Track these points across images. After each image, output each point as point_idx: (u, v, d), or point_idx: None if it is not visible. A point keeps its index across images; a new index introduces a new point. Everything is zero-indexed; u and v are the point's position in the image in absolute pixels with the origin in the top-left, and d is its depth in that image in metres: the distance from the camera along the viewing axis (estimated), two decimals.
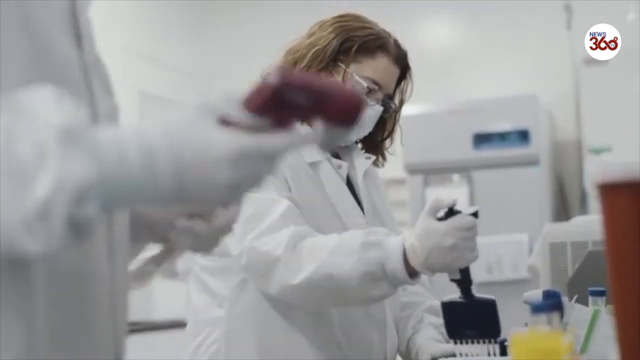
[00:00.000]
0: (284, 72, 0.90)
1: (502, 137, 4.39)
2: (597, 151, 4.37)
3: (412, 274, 1.67)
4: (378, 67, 1.90)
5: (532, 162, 4.36)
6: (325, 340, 1.84)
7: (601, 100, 4.47)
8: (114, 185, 0.86)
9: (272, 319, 1.84)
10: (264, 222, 1.75)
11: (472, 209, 1.68)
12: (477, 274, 4.14)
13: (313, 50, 1.89)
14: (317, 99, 0.90)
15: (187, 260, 1.95)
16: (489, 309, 1.70)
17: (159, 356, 3.74)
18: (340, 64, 1.89)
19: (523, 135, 4.36)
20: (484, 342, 1.69)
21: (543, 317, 0.95)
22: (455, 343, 1.72)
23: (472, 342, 1.69)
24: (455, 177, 4.46)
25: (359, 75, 1.88)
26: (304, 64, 1.89)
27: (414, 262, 1.66)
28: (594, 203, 4.03)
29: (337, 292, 1.71)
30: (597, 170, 0.92)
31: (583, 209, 4.57)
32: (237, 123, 0.89)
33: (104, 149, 0.86)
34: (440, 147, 4.46)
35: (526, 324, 1.52)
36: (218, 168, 0.88)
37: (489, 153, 4.40)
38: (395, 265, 1.66)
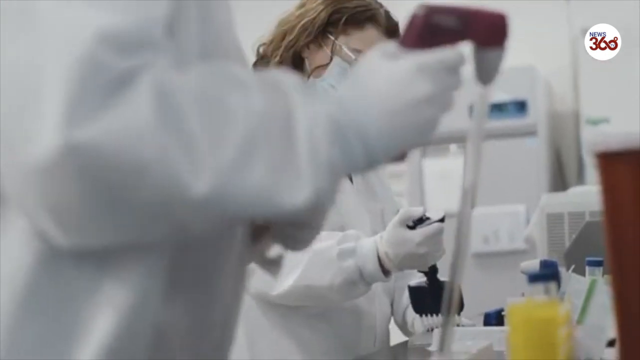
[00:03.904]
0: (427, 3, 0.93)
1: (499, 108, 4.37)
2: (595, 122, 4.36)
3: (385, 272, 1.77)
4: (367, 39, 1.88)
5: (530, 132, 4.35)
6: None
7: (599, 72, 4.45)
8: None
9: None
10: None
11: (440, 214, 1.75)
12: (474, 245, 4.20)
13: (302, 22, 1.88)
14: (464, 19, 0.93)
15: None
16: None
17: None
18: (330, 35, 1.88)
19: (520, 106, 4.35)
20: None
21: (540, 286, 0.95)
22: (420, 316, 1.82)
23: (437, 315, 1.80)
24: (453, 147, 4.45)
25: (348, 47, 1.87)
26: (292, 35, 1.88)
27: (388, 266, 1.75)
28: (591, 174, 4.02)
29: (316, 298, 1.80)
30: (596, 140, 0.91)
31: (580, 179, 4.56)
32: None
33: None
34: None
35: (523, 294, 1.52)
36: (410, 83, 0.88)
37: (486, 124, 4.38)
38: (371, 269, 1.75)
